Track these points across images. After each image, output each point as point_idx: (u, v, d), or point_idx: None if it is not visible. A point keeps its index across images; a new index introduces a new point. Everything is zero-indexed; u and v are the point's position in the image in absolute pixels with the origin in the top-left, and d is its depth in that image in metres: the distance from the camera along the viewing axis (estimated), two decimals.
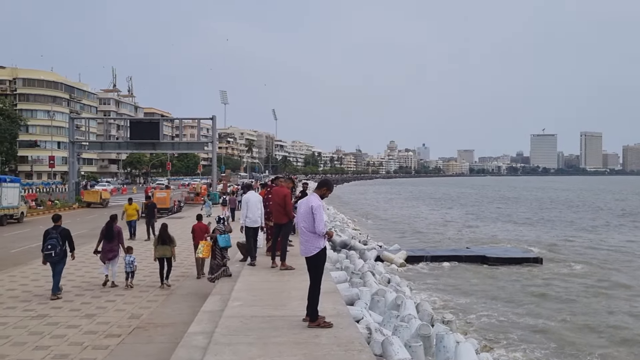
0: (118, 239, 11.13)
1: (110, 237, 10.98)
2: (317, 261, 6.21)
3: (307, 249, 6.22)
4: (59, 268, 9.82)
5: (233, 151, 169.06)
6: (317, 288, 6.12)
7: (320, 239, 6.18)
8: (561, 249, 26.86)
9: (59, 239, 9.69)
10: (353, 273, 15.41)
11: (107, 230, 11.05)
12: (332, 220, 35.04)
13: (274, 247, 10.10)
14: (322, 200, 6.39)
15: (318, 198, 6.38)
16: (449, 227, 37.74)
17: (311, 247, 6.19)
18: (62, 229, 9.95)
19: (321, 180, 6.84)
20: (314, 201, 6.28)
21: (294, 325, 6.07)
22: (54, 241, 9.63)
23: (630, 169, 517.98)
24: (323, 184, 6.61)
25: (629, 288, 17.90)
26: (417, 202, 70.55)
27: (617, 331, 13.04)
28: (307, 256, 6.25)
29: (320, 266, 6.24)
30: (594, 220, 44.35)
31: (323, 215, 6.30)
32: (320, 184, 6.62)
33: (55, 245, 9.62)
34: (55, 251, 9.62)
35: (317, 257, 6.19)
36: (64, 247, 9.79)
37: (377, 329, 9.02)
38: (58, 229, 9.89)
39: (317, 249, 6.17)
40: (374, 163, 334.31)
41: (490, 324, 13.36)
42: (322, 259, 6.26)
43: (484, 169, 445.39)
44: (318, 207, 6.22)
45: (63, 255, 9.81)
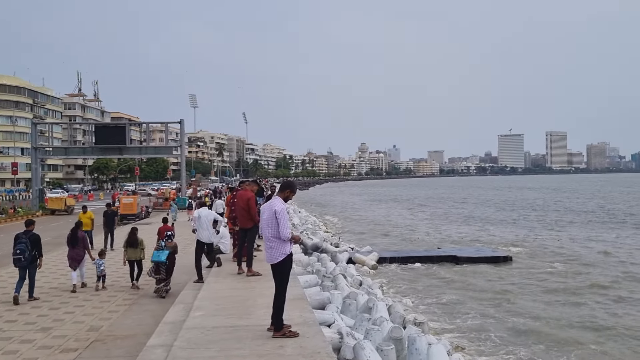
0: (83, 245, 11.35)
1: (74, 242, 11.17)
2: (282, 268, 5.94)
3: (272, 256, 5.95)
4: (30, 273, 9.98)
5: (203, 155, 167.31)
6: (282, 296, 5.85)
7: (286, 245, 5.92)
8: (530, 247, 27.17)
9: (28, 244, 9.78)
10: (324, 276, 15.22)
11: (72, 236, 11.28)
12: (304, 223, 34.85)
13: (239, 252, 9.81)
14: (286, 203, 6.13)
15: (281, 202, 6.09)
16: (420, 228, 37.91)
17: (276, 254, 5.91)
18: (32, 234, 10.05)
19: (283, 182, 6.56)
20: (277, 205, 5.99)
21: (258, 336, 5.79)
22: (22, 246, 9.72)
23: (594, 167, 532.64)
24: (286, 186, 6.34)
25: (600, 286, 18.13)
26: (388, 204, 70.85)
27: (590, 328, 13.13)
28: (272, 263, 5.98)
29: (286, 273, 5.96)
30: (562, 218, 45.14)
31: (287, 220, 6.04)
32: (283, 186, 6.35)
33: (24, 250, 9.70)
34: (24, 256, 9.71)
35: (283, 264, 5.92)
36: (32, 252, 9.88)
37: (348, 333, 8.85)
38: (28, 234, 10.00)
39: (282, 256, 5.89)
40: (346, 165, 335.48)
41: (462, 324, 13.31)
42: (288, 265, 5.98)
43: (453, 170, 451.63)
44: (282, 211, 5.94)
45: (32, 260, 9.90)
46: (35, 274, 10.14)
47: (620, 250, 25.72)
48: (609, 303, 15.67)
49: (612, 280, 18.84)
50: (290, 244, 5.98)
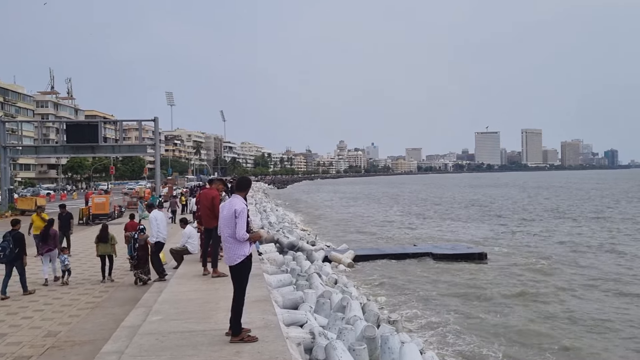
0: (54, 241, 11.89)
1: (46, 239, 11.78)
2: (241, 270, 5.69)
3: (231, 257, 5.70)
4: (18, 269, 10.54)
5: (180, 154, 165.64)
6: (241, 299, 5.60)
7: (245, 246, 5.66)
8: (505, 244, 27.33)
9: (10, 242, 10.43)
10: (299, 275, 15.04)
11: (44, 233, 11.85)
12: (281, 221, 34.59)
13: (205, 253, 9.52)
14: (246, 201, 5.87)
15: (242, 201, 5.84)
16: (397, 225, 37.94)
17: (234, 256, 5.67)
18: (16, 233, 10.67)
19: (240, 180, 6.26)
20: (237, 204, 5.74)
21: (216, 341, 5.51)
22: (5, 243, 10.43)
23: (568, 164, 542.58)
24: (246, 184, 6.09)
25: (572, 282, 18.25)
26: (365, 202, 70.94)
27: (561, 325, 13.15)
28: (230, 265, 5.73)
29: (244, 275, 5.71)
30: (536, 216, 45.66)
31: (245, 220, 5.77)
32: (243, 185, 6.08)
33: (6, 247, 10.36)
34: (4, 252, 10.34)
35: (242, 266, 5.68)
36: (15, 249, 10.44)
37: (321, 333, 8.66)
38: (12, 232, 10.62)
39: (241, 257, 5.64)
40: (324, 163, 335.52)
41: (436, 322, 13.21)
42: (246, 267, 5.73)
43: (431, 167, 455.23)
44: (242, 211, 5.70)
45: (15, 257, 10.46)
46: (22, 270, 10.62)
47: (592, 247, 26.01)
48: (581, 299, 15.76)
49: (586, 277, 18.99)
50: (250, 245, 5.73)
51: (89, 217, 28.31)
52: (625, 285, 17.34)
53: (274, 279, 12.29)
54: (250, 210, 30.41)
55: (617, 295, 16.05)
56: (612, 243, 26.84)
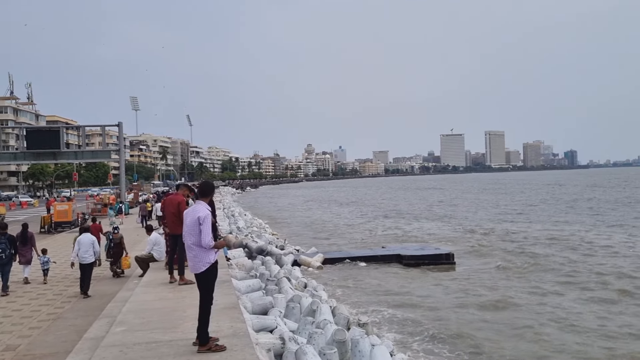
0: (31, 243, 12.61)
1: (24, 241, 12.44)
2: (206, 278, 5.58)
3: (196, 265, 5.58)
4: (7, 269, 11.27)
5: (146, 159, 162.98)
6: (207, 308, 5.49)
7: (210, 253, 5.55)
8: (473, 243, 27.72)
9: (7, 244, 11.21)
10: (268, 280, 14.94)
11: (22, 236, 12.48)
12: (249, 225, 34.32)
13: (171, 260, 9.32)
14: (210, 207, 5.76)
15: (206, 207, 5.73)
16: (365, 227, 38.09)
17: (199, 264, 5.55)
18: (9, 236, 11.52)
19: (202, 185, 6.13)
20: (200, 211, 5.63)
21: (182, 352, 5.37)
22: (3, 245, 11.10)
23: (530, 165, 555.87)
24: (209, 189, 5.99)
25: (540, 280, 18.60)
26: (334, 205, 71.09)
27: (528, 330, 13.35)
28: (195, 273, 5.62)
29: (210, 283, 5.59)
30: (503, 216, 46.51)
31: (210, 227, 5.66)
32: (206, 190, 5.97)
33: (5, 249, 11.10)
34: (5, 254, 11.10)
35: (207, 274, 5.57)
36: (11, 250, 11.32)
37: (291, 338, 8.58)
38: (5, 235, 11.36)
39: (206, 265, 5.54)
40: (292, 167, 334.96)
41: (406, 324, 13.28)
42: (212, 275, 5.62)
43: (398, 169, 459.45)
44: (205, 217, 5.58)
45: (10, 257, 11.31)
46: (10, 270, 11.38)
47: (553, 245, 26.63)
48: (544, 298, 16.06)
49: (550, 275, 19.40)
50: (215, 252, 5.62)
51: (51, 225, 27.53)
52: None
53: (242, 285, 12.16)
54: (218, 215, 30.11)
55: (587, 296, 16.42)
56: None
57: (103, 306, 8.75)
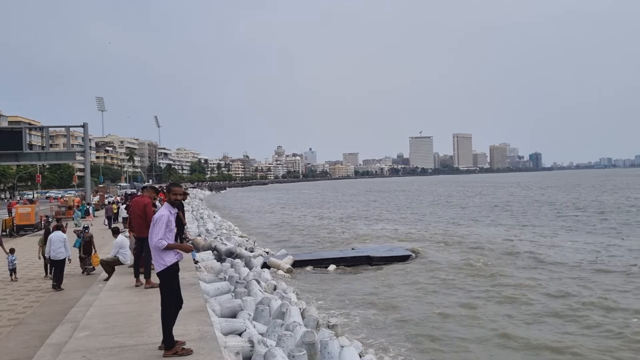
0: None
1: None
2: (163, 280, 5.55)
3: (156, 266, 5.56)
4: None
5: (113, 160, 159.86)
6: (166, 310, 5.43)
7: (168, 254, 5.50)
8: (440, 243, 28.08)
9: None
10: (237, 282, 14.83)
11: None
12: (219, 228, 34.02)
13: (136, 263, 9.17)
14: (174, 207, 5.71)
15: (166, 208, 5.71)
16: (335, 229, 38.18)
17: (157, 264, 5.52)
18: None
19: (169, 185, 6.15)
20: (159, 212, 5.64)
21: (148, 356, 5.28)
22: None
23: (496, 167, 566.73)
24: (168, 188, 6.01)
25: (506, 276, 18.93)
26: (303, 207, 71.09)
27: (496, 327, 13.57)
28: (157, 273, 5.59)
29: (167, 286, 5.54)
30: (469, 216, 47.22)
31: (162, 227, 5.60)
32: (167, 189, 6.00)
33: None
34: None
35: (163, 276, 5.53)
36: None
37: (260, 341, 8.54)
38: None
39: (161, 267, 5.50)
40: (262, 169, 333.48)
41: (375, 325, 13.36)
42: (169, 277, 5.56)
43: (368, 171, 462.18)
44: (159, 218, 5.59)
45: None
46: None
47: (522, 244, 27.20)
48: (513, 301, 16.35)
49: (522, 278, 19.79)
50: (174, 255, 5.57)
51: (13, 228, 26.75)
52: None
53: (211, 288, 12.05)
54: (188, 217, 29.74)
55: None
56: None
57: (66, 311, 8.54)
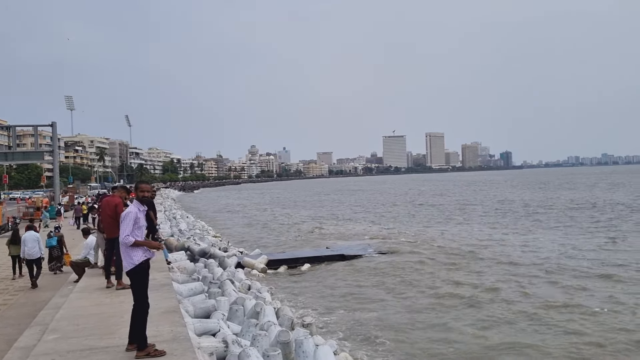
0: None
1: None
2: (132, 279, 5.49)
3: (125, 265, 5.51)
4: None
5: (82, 160, 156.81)
6: (139, 310, 5.35)
7: (135, 252, 5.43)
8: (415, 241, 28.33)
9: None
10: (211, 282, 14.73)
11: None
12: (192, 228, 33.69)
13: (108, 264, 9.02)
14: (143, 205, 5.67)
15: (134, 205, 5.69)
16: (308, 229, 38.18)
17: (126, 263, 5.46)
18: None
19: (137, 182, 6.21)
20: (128, 208, 5.63)
21: (120, 358, 5.19)
22: None
23: (468, 166, 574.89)
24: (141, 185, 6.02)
25: (476, 273, 19.20)
26: (277, 206, 70.95)
27: (465, 323, 13.75)
28: (126, 272, 5.53)
29: (136, 285, 5.47)
30: (441, 215, 47.75)
31: (130, 224, 5.56)
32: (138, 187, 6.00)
33: None
34: None
35: (132, 275, 5.46)
36: None
37: (234, 341, 8.48)
38: None
39: (130, 265, 5.43)
40: (236, 168, 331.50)
41: (350, 323, 13.40)
42: (138, 276, 5.49)
43: (342, 170, 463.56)
44: (126, 214, 5.58)
45: None
46: None
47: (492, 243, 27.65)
48: (487, 298, 16.60)
49: (490, 277, 20.10)
50: (143, 252, 5.51)
51: None
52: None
53: (184, 288, 11.92)
54: (160, 217, 29.38)
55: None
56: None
57: (35, 314, 8.35)
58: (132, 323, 5.37)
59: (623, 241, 26.17)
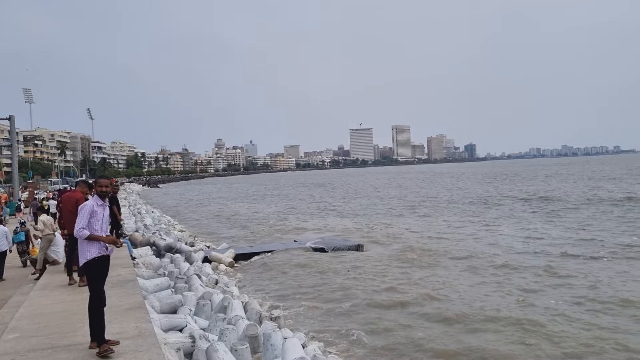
0: None
1: None
2: (87, 273, 5.41)
3: (80, 259, 5.45)
4: None
5: (42, 155, 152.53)
6: (93, 306, 5.26)
7: (90, 246, 5.35)
8: (380, 234, 28.60)
9: None
10: (178, 278, 14.63)
11: None
12: (157, 222, 33.27)
13: (69, 260, 8.82)
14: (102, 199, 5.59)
15: (93, 199, 5.65)
16: (276, 223, 38.14)
17: (81, 257, 5.40)
18: None
19: (96, 177, 6.24)
20: (86, 202, 5.60)
21: (82, 356, 5.10)
22: None
23: (434, 158, 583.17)
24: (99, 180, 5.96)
25: (444, 267, 19.52)
26: (243, 200, 70.61)
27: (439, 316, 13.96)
28: (80, 267, 5.46)
29: (92, 279, 5.37)
30: (406, 207, 48.31)
31: (84, 216, 5.48)
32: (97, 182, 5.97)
33: None
34: None
35: (88, 269, 5.38)
36: None
37: (201, 336, 8.44)
38: None
39: (83, 260, 5.35)
40: (202, 162, 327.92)
41: (318, 316, 13.46)
42: (92, 270, 5.40)
43: (309, 163, 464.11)
44: (81, 207, 5.53)
45: None
46: None
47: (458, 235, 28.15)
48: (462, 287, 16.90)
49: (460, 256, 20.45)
50: (99, 248, 5.41)
51: None
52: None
53: (150, 284, 11.79)
54: (124, 213, 28.86)
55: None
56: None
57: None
58: (90, 320, 5.27)
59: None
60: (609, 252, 20.57)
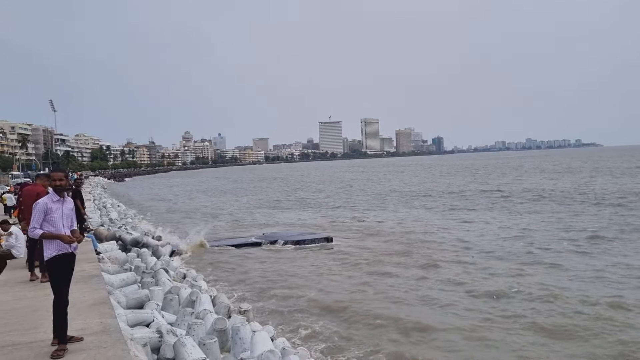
0: None
1: None
2: (48, 271, 5.34)
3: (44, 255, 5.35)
4: None
5: (3, 148, 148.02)
6: (57, 303, 5.16)
7: (49, 244, 5.26)
8: (347, 227, 28.77)
9: None
10: (144, 272, 14.37)
11: None
12: (123, 217, 32.68)
13: (31, 256, 8.60)
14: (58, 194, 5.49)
15: (47, 196, 5.55)
16: (246, 215, 37.99)
17: (44, 254, 5.32)
18: None
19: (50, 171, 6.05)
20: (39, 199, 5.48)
21: (44, 353, 5.00)
22: None
23: (402, 151, 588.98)
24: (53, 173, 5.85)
25: (411, 260, 19.75)
26: (211, 193, 70.06)
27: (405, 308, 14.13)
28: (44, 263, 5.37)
29: (52, 277, 5.29)
30: (378, 202, 48.70)
31: (39, 215, 5.39)
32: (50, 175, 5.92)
33: None
34: None
35: (48, 267, 5.30)
36: None
37: (169, 331, 8.35)
38: None
39: (46, 257, 5.27)
40: (169, 155, 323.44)
41: (287, 309, 13.47)
42: (54, 269, 5.30)
43: (278, 157, 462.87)
44: (34, 205, 5.44)
45: None
46: None
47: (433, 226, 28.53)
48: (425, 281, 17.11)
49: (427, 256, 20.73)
50: (57, 246, 5.31)
51: None
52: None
53: (115, 279, 11.59)
54: (89, 207, 28.27)
55: None
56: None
57: None
58: (53, 318, 5.17)
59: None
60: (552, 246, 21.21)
